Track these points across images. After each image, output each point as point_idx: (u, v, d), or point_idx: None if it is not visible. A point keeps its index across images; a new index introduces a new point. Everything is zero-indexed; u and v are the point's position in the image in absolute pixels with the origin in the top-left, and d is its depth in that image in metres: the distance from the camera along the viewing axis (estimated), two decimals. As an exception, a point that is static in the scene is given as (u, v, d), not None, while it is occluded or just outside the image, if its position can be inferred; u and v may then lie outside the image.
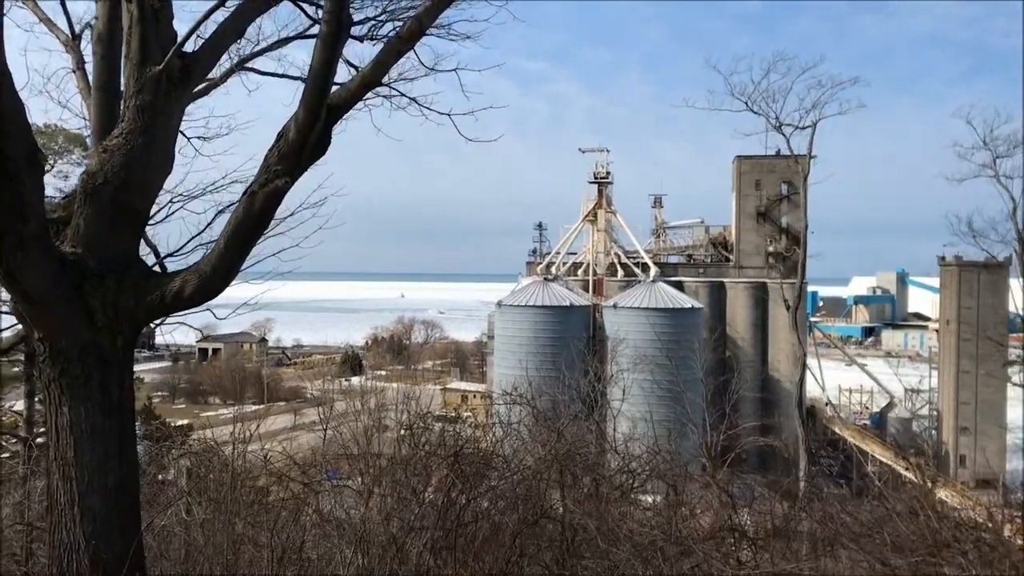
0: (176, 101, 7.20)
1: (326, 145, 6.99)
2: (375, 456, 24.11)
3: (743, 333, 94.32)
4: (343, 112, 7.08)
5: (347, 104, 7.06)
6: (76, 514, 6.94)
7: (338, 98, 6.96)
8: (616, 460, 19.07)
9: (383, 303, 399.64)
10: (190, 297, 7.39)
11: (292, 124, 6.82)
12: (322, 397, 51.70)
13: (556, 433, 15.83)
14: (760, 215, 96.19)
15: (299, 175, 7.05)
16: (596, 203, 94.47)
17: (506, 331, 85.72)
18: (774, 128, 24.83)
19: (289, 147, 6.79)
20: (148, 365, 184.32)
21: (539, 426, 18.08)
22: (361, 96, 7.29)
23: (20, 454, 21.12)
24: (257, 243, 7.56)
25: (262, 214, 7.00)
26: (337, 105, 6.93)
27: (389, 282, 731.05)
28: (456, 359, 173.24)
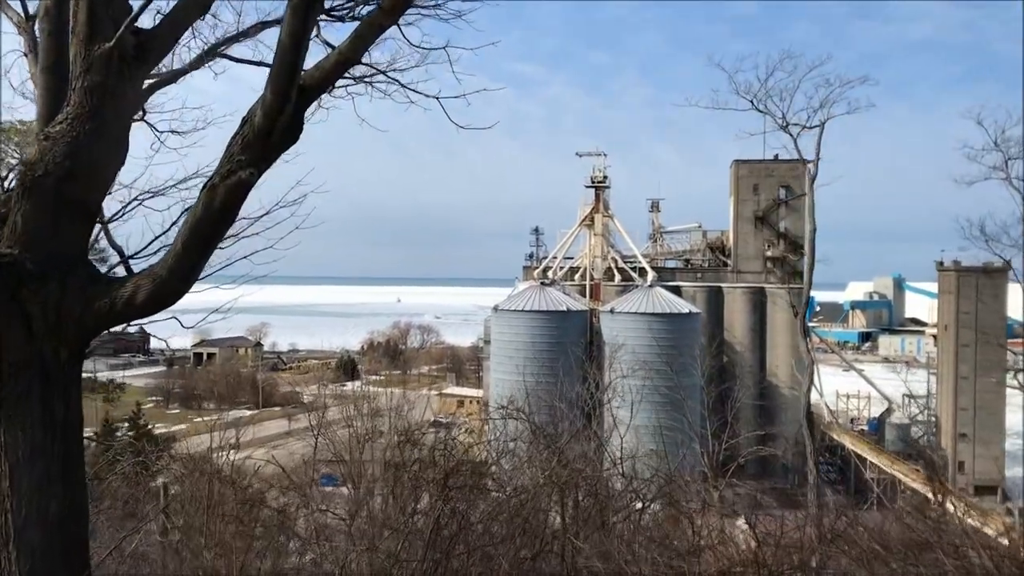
0: (130, 82, 6.35)
1: (298, 131, 6.17)
2: (365, 464, 23.39)
3: (741, 338, 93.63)
4: (317, 94, 6.33)
5: (322, 85, 6.31)
6: (11, 552, 6.07)
7: (311, 78, 6.13)
8: (620, 483, 18.18)
9: (380, 307, 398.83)
10: (144, 304, 6.58)
11: (258, 108, 6.02)
12: (314, 403, 50.83)
13: (555, 453, 14.98)
14: (758, 219, 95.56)
15: (267, 166, 6.23)
16: (593, 207, 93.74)
17: (502, 336, 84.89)
18: (781, 128, 24.15)
19: (255, 134, 5.98)
20: (142, 370, 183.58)
21: (537, 443, 17.19)
22: (337, 76, 6.50)
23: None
24: (222, 243, 6.78)
25: (224, 210, 6.16)
26: (310, 86, 6.12)
27: (386, 286, 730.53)
28: (452, 364, 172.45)
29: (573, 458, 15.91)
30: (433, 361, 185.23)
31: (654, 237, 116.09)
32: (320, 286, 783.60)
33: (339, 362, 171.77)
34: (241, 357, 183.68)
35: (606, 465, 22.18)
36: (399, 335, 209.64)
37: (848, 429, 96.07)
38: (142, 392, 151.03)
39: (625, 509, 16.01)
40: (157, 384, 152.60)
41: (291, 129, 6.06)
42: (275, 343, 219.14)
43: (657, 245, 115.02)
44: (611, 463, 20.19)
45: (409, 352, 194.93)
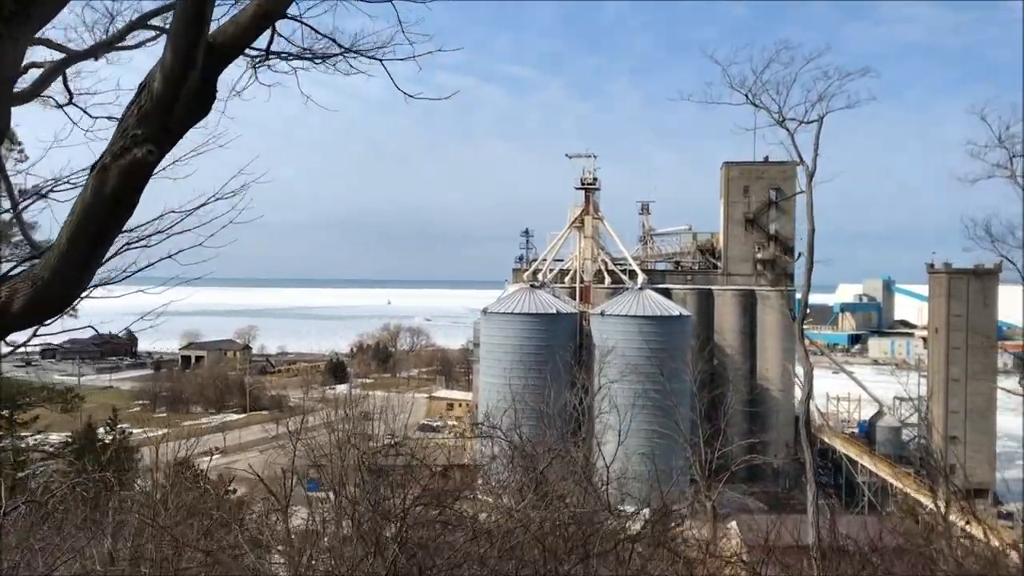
0: (10, 42, 5.52)
1: (208, 101, 5.20)
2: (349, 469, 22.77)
3: (731, 341, 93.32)
4: (231, 56, 5.32)
5: (237, 44, 5.28)
6: None
7: (224, 35, 5.16)
8: (611, 521, 17.35)
9: (370, 310, 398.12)
10: (22, 312, 5.45)
11: (157, 71, 5.00)
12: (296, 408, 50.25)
13: (534, 482, 14.27)
14: (749, 221, 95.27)
15: (171, 142, 5.20)
16: (583, 209, 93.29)
17: (491, 339, 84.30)
18: (777, 123, 23.54)
19: (154, 103, 4.96)
20: (129, 373, 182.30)
21: (515, 467, 16.47)
22: (256, 32, 5.43)
23: None
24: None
25: (118, 197, 5.12)
26: (223, 45, 5.14)
27: (376, 289, 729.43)
28: (442, 367, 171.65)
29: (554, 479, 15.27)
30: (423, 364, 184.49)
31: (644, 239, 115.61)
32: (310, 288, 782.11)
33: (328, 365, 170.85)
34: (229, 360, 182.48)
35: (596, 481, 21.57)
36: (389, 337, 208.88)
37: (839, 432, 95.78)
38: (129, 395, 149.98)
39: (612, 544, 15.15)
40: (144, 387, 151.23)
41: (200, 97, 5.11)
42: (264, 346, 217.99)
43: (647, 247, 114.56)
44: (597, 493, 19.42)
45: (399, 355, 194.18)
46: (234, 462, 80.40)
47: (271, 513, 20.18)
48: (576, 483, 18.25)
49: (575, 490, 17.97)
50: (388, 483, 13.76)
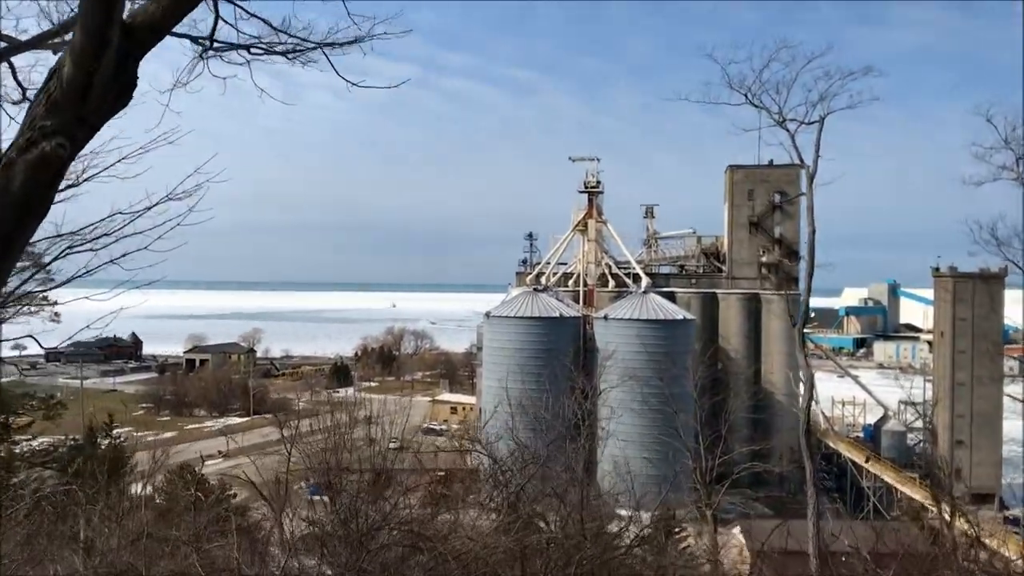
0: None
1: (128, 88, 4.71)
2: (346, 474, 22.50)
3: (736, 344, 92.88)
4: (154, 39, 4.82)
5: (157, 26, 4.78)
6: None
7: (144, 15, 4.69)
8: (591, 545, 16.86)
9: (375, 313, 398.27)
10: None
11: (67, 55, 4.55)
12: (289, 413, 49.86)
13: (511, 505, 13.86)
14: (753, 225, 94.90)
15: (86, 135, 4.71)
16: (586, 213, 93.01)
17: (494, 343, 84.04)
18: (777, 123, 23.16)
19: (65, 91, 4.48)
20: (134, 376, 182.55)
21: (494, 486, 16.09)
22: (178, 14, 4.93)
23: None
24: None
25: (27, 195, 4.62)
26: (143, 26, 4.67)
27: (381, 292, 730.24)
28: (446, 370, 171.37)
29: (535, 496, 14.95)
30: (427, 367, 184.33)
31: (648, 243, 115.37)
32: (316, 292, 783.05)
33: (332, 368, 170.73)
34: (233, 363, 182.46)
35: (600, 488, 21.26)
36: (393, 341, 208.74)
37: (843, 436, 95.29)
38: (133, 399, 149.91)
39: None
40: (148, 391, 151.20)
41: (117, 84, 4.61)
42: (268, 349, 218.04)
43: (652, 251, 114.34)
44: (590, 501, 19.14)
45: (403, 358, 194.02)
46: (236, 466, 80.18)
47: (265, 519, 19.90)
48: (560, 499, 17.89)
49: (557, 507, 17.61)
50: (359, 498, 13.48)
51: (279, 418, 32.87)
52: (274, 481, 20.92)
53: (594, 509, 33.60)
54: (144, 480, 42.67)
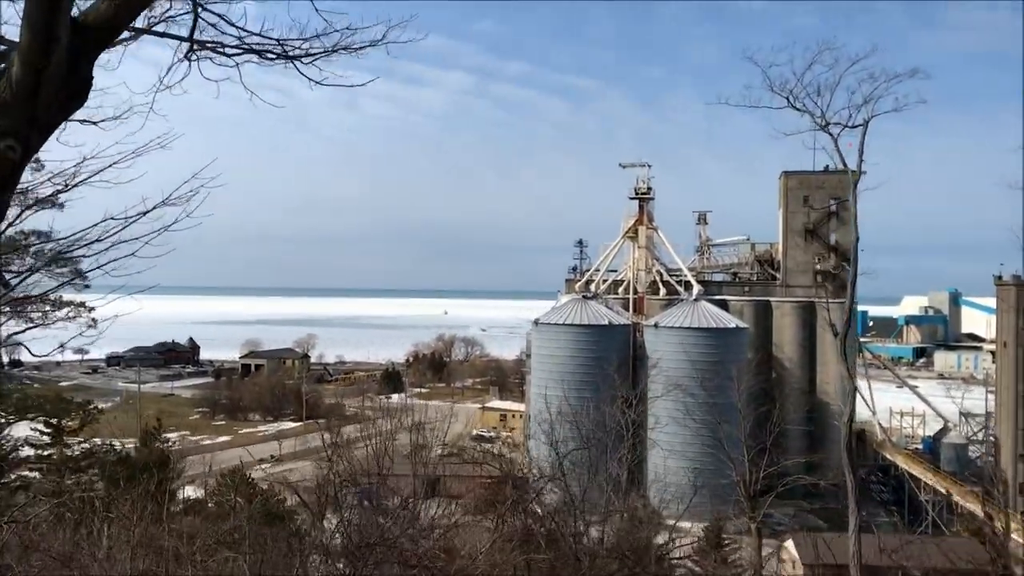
0: None
1: (82, 88, 4.54)
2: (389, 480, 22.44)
3: (790, 354, 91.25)
4: (109, 36, 4.66)
5: (110, 25, 4.59)
6: None
7: (96, 14, 4.51)
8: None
9: (426, 320, 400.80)
10: None
11: (15, 54, 4.37)
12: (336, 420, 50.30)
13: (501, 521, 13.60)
14: (808, 232, 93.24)
15: (41, 136, 4.53)
16: (637, 219, 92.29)
17: (543, 350, 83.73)
18: (819, 127, 22.55)
19: (14, 91, 4.30)
20: (191, 381, 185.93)
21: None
22: (131, 11, 4.74)
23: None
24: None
25: None
26: (96, 24, 4.49)
27: (433, 299, 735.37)
28: (496, 377, 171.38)
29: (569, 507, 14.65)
30: (477, 374, 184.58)
31: (701, 250, 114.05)
32: (369, 299, 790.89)
33: (384, 374, 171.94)
34: (288, 369, 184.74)
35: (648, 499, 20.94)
36: (443, 347, 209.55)
37: (901, 448, 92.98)
38: (189, 403, 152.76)
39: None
40: (204, 395, 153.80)
41: (70, 84, 4.45)
42: (322, 355, 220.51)
43: (704, 258, 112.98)
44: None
45: (453, 364, 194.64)
46: (289, 470, 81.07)
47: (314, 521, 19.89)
48: (569, 514, 17.55)
49: (603, 518, 17.34)
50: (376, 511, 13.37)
51: (319, 425, 33.02)
52: (315, 487, 20.95)
53: (641, 520, 33.15)
54: (190, 484, 43.37)
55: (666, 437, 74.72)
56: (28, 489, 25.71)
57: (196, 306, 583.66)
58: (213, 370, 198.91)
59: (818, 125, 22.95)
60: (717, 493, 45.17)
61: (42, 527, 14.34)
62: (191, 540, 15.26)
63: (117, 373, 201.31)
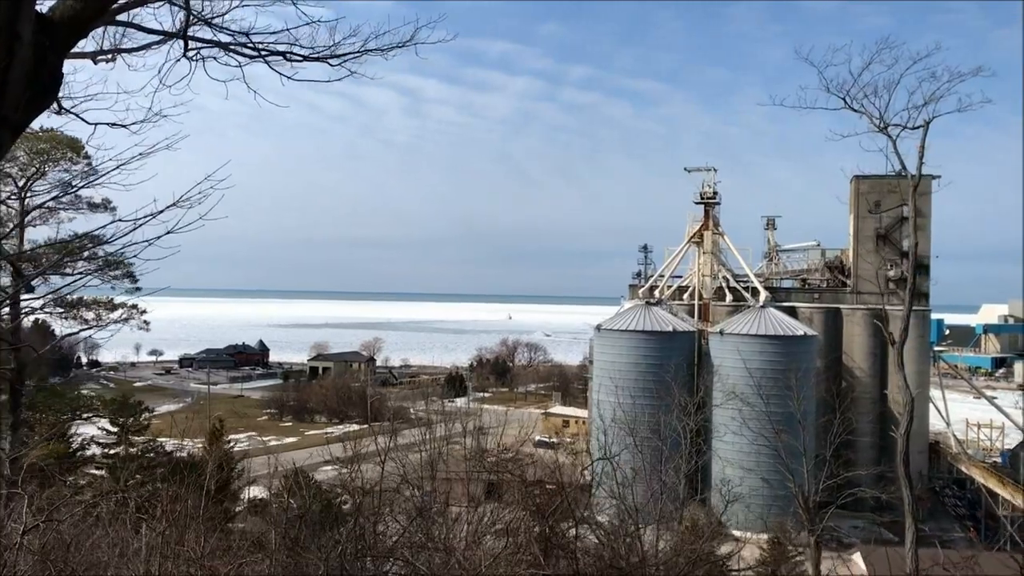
0: None
1: (50, 86, 4.44)
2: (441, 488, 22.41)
3: (860, 363, 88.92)
4: (73, 34, 4.55)
5: (78, 22, 4.51)
6: None
7: (63, 11, 4.41)
8: None
9: (491, 325, 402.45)
10: None
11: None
12: (399, 423, 50.22)
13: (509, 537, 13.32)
14: (879, 238, 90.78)
15: (12, 134, 4.43)
16: (702, 224, 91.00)
17: (605, 356, 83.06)
18: (878, 129, 21.74)
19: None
20: (260, 383, 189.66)
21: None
22: (99, 7, 4.62)
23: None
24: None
25: None
26: (62, 21, 4.40)
27: (498, 304, 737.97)
28: (560, 382, 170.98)
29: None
30: (540, 379, 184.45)
31: (769, 256, 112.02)
32: (435, 303, 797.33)
33: (448, 378, 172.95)
34: (354, 372, 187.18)
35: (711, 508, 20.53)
36: (507, 352, 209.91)
37: (978, 461, 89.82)
38: (258, 404, 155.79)
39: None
40: (272, 397, 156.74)
41: (38, 81, 4.33)
42: (388, 358, 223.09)
43: (772, 264, 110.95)
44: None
45: (516, 369, 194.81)
46: (352, 472, 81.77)
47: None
48: (625, 523, 17.17)
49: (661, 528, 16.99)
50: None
51: (382, 427, 33.15)
52: (365, 490, 20.92)
53: (701, 530, 32.51)
54: (254, 484, 44.00)
55: (730, 446, 73.52)
56: (92, 487, 26.57)
57: (268, 309, 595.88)
58: (282, 372, 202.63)
59: (876, 127, 22.18)
60: (782, 504, 44.13)
61: (80, 525, 14.59)
62: (225, 540, 15.40)
63: (189, 374, 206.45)
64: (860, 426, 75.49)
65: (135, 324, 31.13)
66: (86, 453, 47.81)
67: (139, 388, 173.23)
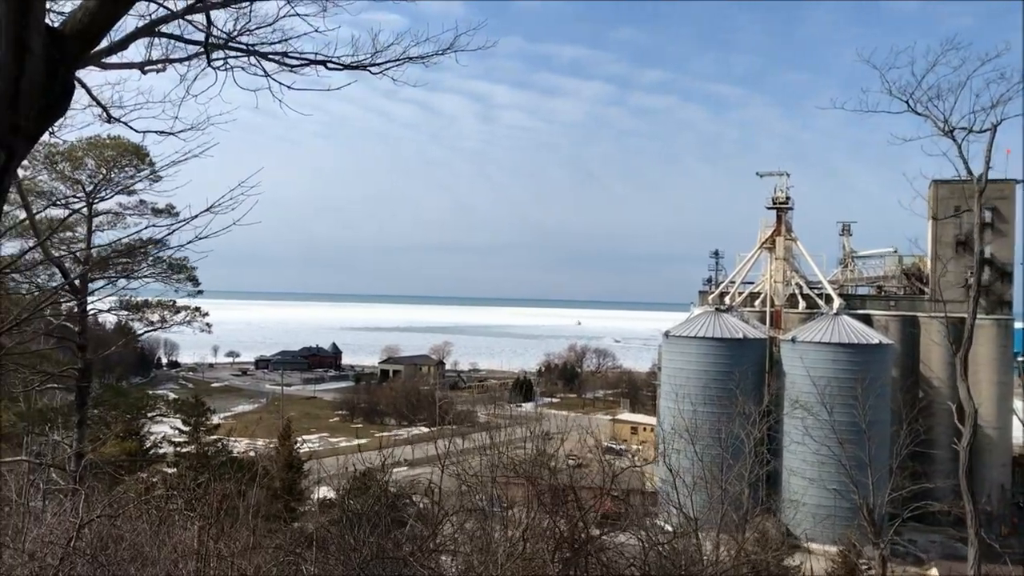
0: None
1: (63, 98, 4.67)
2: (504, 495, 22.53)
3: (938, 373, 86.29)
4: (87, 45, 4.79)
5: (88, 34, 4.74)
6: None
7: (74, 23, 4.67)
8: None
9: (560, 330, 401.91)
10: None
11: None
12: (480, 425, 50.71)
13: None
14: (959, 244, 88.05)
15: (26, 143, 4.67)
16: (774, 230, 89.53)
17: (673, 363, 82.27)
18: (943, 133, 21.13)
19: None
20: (332, 385, 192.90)
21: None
22: (111, 18, 4.88)
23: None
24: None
25: None
26: (74, 34, 4.65)
27: (568, 309, 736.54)
28: (628, 389, 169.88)
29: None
30: (609, 385, 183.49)
31: (844, 262, 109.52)
32: (503, 308, 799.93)
33: (515, 383, 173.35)
34: (423, 375, 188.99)
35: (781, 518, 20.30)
36: (575, 358, 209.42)
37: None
38: (330, 406, 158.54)
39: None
40: (344, 399, 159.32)
41: (50, 94, 4.55)
42: (456, 362, 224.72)
43: (847, 271, 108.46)
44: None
45: (585, 375, 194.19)
46: (420, 475, 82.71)
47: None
48: (689, 532, 17.03)
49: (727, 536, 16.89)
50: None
51: (451, 431, 33.48)
52: (426, 492, 21.23)
53: (769, 541, 32.01)
54: (323, 485, 44.78)
55: (801, 455, 72.14)
56: (166, 484, 27.64)
57: (342, 313, 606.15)
58: (353, 375, 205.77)
59: (940, 130, 21.55)
60: (849, 516, 43.18)
61: (134, 521, 15.11)
62: (274, 538, 15.76)
63: (264, 375, 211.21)
64: (938, 438, 73.28)
65: (198, 326, 32.15)
66: (158, 451, 49.44)
67: (216, 389, 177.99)
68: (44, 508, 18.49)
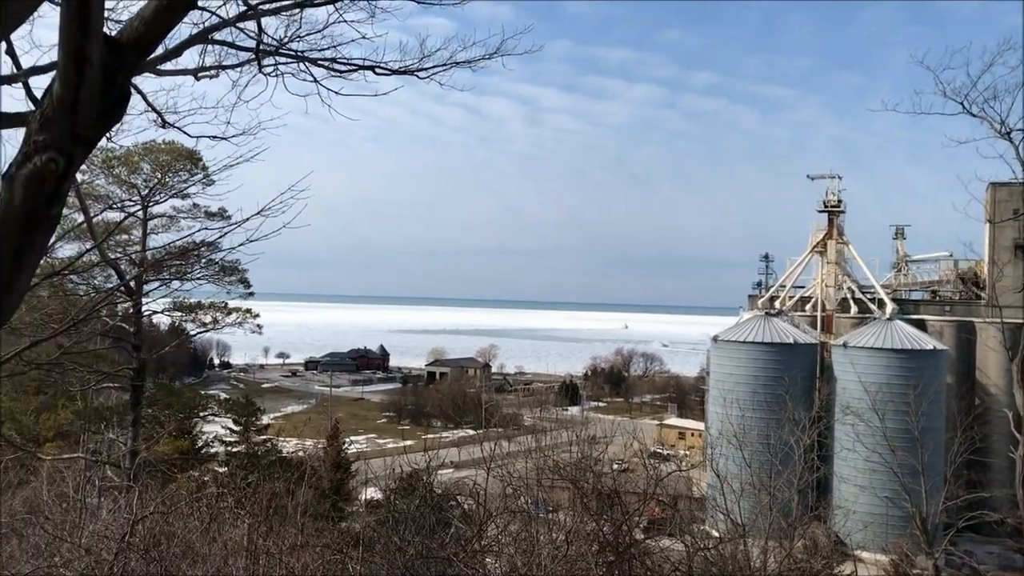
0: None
1: (119, 104, 4.79)
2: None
3: (995, 380, 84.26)
4: (142, 54, 4.91)
5: (144, 42, 4.86)
6: None
7: (131, 32, 4.79)
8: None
9: (607, 334, 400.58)
10: None
11: (56, 76, 4.67)
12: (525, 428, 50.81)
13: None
14: (1017, 248, 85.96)
15: (82, 151, 4.77)
16: (826, 233, 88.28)
17: (722, 368, 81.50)
18: (1000, 135, 20.57)
19: (55, 108, 4.59)
20: (380, 386, 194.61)
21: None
22: (166, 26, 5.00)
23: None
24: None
25: (28, 209, 4.65)
26: (130, 43, 4.77)
27: (615, 312, 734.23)
28: (676, 394, 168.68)
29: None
30: (656, 390, 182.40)
31: (898, 266, 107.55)
32: (551, 311, 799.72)
33: (561, 386, 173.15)
34: (470, 377, 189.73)
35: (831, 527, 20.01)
36: (622, 362, 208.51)
37: None
38: (377, 407, 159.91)
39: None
40: (391, 400, 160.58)
41: (107, 101, 4.66)
42: (503, 365, 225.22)
43: (901, 275, 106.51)
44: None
45: (632, 379, 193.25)
46: (465, 476, 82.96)
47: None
48: (735, 540, 16.84)
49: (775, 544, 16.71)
50: None
51: (497, 433, 33.55)
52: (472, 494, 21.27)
53: (819, 549, 31.54)
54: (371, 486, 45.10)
55: (852, 462, 70.96)
56: (217, 482, 28.22)
57: (391, 315, 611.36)
58: (401, 377, 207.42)
59: (997, 132, 20.97)
60: (901, 524, 42.41)
61: (185, 518, 15.41)
62: (321, 537, 15.98)
63: (314, 377, 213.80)
64: (995, 446, 71.57)
65: (249, 328, 32.93)
66: (210, 450, 50.42)
67: (266, 389, 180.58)
68: (100, 504, 19.00)
